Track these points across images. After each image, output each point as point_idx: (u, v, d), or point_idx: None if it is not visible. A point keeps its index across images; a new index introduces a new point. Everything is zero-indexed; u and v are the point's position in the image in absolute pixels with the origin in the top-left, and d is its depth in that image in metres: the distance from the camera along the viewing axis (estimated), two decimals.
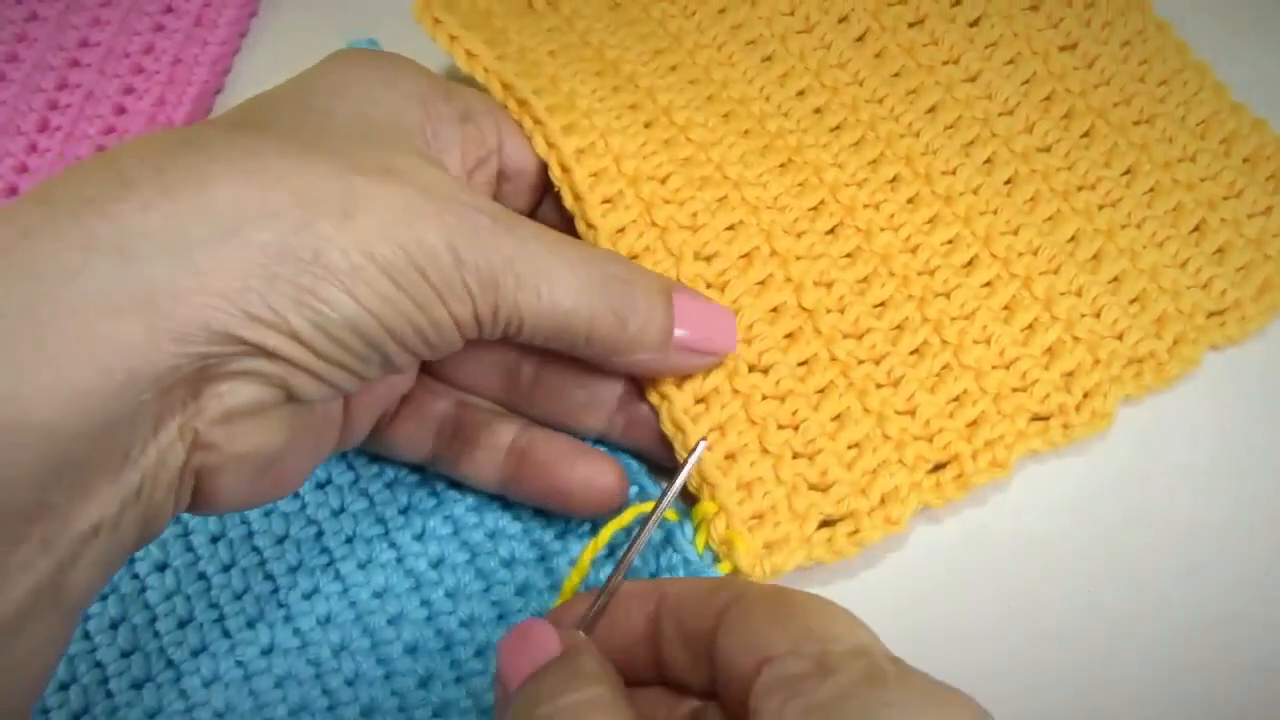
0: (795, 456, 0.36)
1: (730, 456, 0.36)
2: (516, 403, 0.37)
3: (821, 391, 0.37)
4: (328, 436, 0.33)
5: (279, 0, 0.51)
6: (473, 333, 0.31)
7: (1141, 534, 0.37)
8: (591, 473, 0.36)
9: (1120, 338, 0.39)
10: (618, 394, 0.37)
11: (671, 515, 0.36)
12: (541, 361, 0.36)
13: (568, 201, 0.38)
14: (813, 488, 0.36)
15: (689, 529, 0.35)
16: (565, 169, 0.38)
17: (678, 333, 0.35)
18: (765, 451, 0.36)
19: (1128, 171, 0.42)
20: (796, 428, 0.37)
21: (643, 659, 0.29)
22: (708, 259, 0.39)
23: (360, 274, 0.27)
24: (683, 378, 0.36)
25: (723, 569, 0.35)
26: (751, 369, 0.37)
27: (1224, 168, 0.42)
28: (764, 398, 0.37)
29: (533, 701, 0.26)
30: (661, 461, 0.37)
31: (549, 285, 0.31)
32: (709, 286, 0.38)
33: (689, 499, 0.36)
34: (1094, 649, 0.36)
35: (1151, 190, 0.42)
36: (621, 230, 0.38)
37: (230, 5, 0.49)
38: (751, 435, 0.36)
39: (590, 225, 0.38)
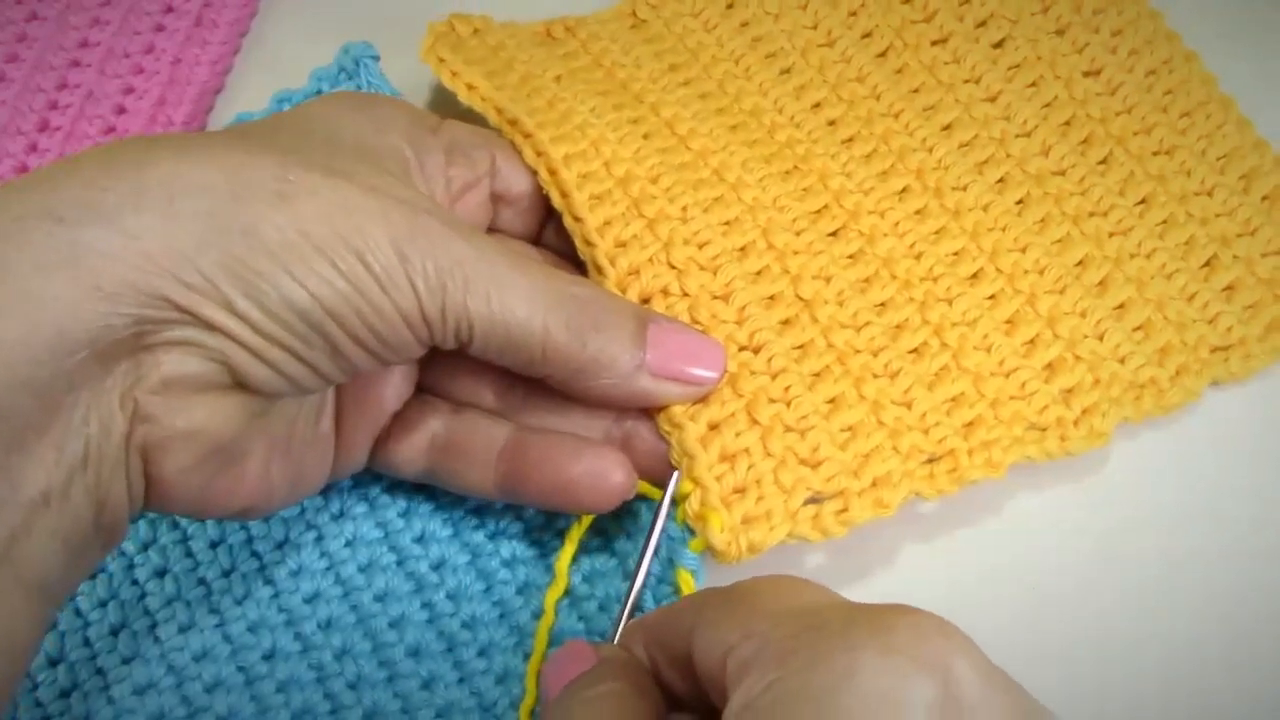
0: (787, 430, 0.38)
1: (714, 427, 0.38)
2: (512, 415, 0.40)
3: (817, 375, 0.40)
4: (313, 455, 0.37)
5: (279, 0, 0.55)
6: (424, 334, 0.33)
7: (1133, 559, 0.41)
8: (596, 466, 0.37)
9: (1122, 362, 0.42)
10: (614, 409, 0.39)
11: (655, 494, 0.38)
12: None
13: (556, 201, 0.41)
14: (803, 462, 0.38)
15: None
16: (553, 171, 0.41)
17: (651, 359, 0.37)
18: (754, 422, 0.38)
19: (1142, 201, 0.45)
20: (789, 403, 0.39)
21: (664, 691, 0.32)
22: (700, 245, 0.41)
23: (295, 250, 0.30)
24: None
25: (694, 547, 0.36)
26: (742, 349, 0.39)
27: (1241, 204, 0.46)
28: (754, 373, 0.39)
29: (561, 704, 0.31)
30: (659, 480, 0.38)
31: (500, 292, 0.34)
32: (701, 269, 0.40)
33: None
34: (1087, 674, 0.39)
35: (1165, 222, 0.45)
36: (608, 222, 0.41)
37: (230, 5, 0.53)
38: (738, 405, 0.38)
39: (577, 219, 0.41)
